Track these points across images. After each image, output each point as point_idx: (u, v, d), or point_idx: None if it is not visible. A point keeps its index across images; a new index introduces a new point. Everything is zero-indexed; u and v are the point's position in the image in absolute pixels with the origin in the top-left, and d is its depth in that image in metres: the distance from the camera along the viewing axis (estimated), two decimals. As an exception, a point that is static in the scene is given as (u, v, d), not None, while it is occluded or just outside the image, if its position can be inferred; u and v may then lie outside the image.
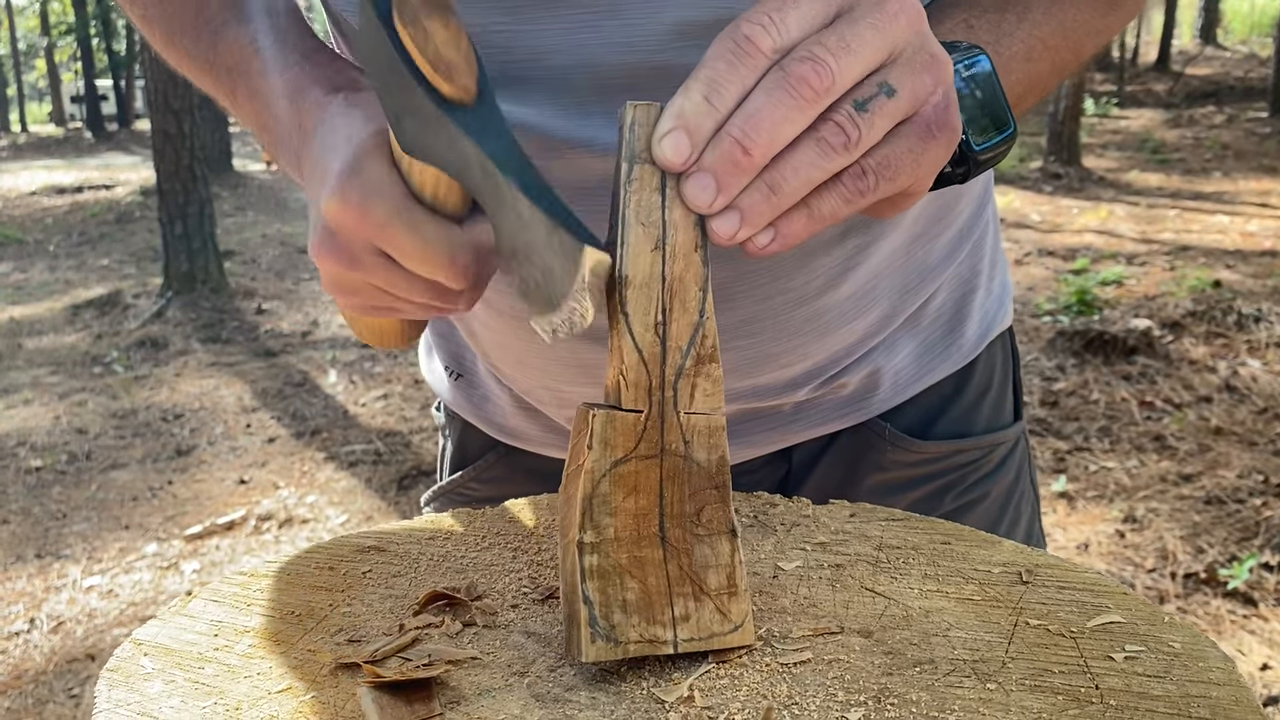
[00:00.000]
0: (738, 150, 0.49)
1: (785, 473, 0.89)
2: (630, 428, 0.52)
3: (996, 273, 0.93)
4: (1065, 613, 0.57)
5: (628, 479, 0.52)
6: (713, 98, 0.50)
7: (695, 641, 0.53)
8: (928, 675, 0.52)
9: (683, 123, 0.50)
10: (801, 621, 0.57)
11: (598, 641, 0.51)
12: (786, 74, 0.50)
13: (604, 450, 0.52)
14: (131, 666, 0.54)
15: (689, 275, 0.52)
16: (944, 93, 0.55)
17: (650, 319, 0.51)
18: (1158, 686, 0.50)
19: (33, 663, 3.16)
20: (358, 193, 0.56)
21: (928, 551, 0.66)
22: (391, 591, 0.62)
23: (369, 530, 0.71)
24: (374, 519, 3.97)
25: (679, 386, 0.52)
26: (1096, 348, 4.83)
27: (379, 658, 0.54)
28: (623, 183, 0.51)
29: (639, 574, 0.53)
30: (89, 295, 8.21)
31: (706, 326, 0.52)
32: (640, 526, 0.53)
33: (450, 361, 0.95)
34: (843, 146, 0.51)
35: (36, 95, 52.39)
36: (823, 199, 0.53)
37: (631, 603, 0.52)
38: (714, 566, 0.54)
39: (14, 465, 4.79)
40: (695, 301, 0.52)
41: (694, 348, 0.52)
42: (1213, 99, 14.65)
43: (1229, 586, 2.96)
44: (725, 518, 0.54)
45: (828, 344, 0.80)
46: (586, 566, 0.52)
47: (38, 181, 15.96)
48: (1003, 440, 0.92)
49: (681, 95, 0.50)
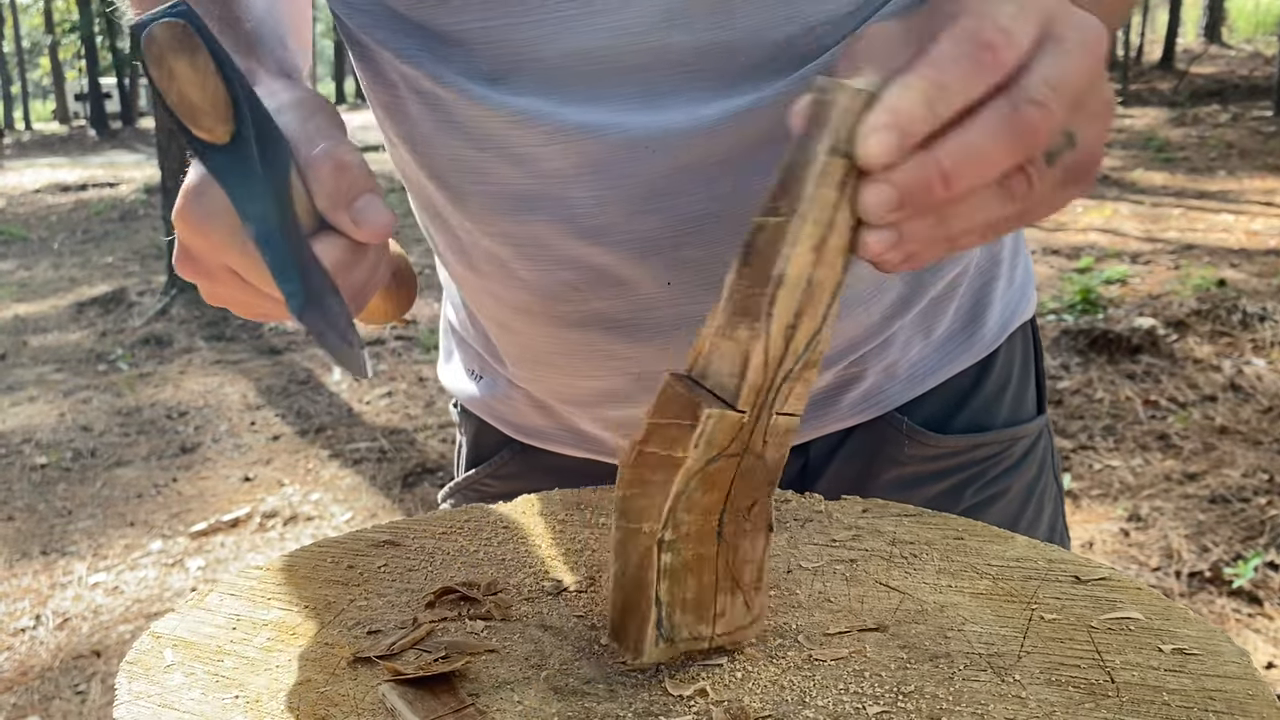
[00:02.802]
0: (938, 180, 0.45)
1: (802, 467, 0.88)
2: (733, 427, 0.49)
3: (1019, 261, 0.91)
4: (1080, 607, 0.57)
5: (711, 476, 0.50)
6: (938, 105, 0.45)
7: (724, 637, 0.53)
8: (944, 669, 0.52)
9: (900, 123, 0.44)
10: (816, 616, 0.58)
11: (660, 644, 0.50)
12: (1018, 113, 0.45)
13: (706, 449, 0.49)
14: (151, 659, 0.54)
15: (829, 281, 0.48)
16: (1103, 151, 0.51)
17: (784, 322, 0.47)
18: (1173, 680, 0.50)
19: (38, 659, 3.17)
20: (198, 213, 0.56)
21: (941, 547, 0.66)
22: (407, 586, 0.63)
23: (384, 524, 0.71)
24: (379, 516, 3.97)
25: (781, 389, 0.49)
26: (1101, 346, 4.83)
27: (395, 651, 0.54)
28: (813, 174, 0.46)
29: (698, 571, 0.51)
30: (93, 293, 8.22)
31: (823, 334, 0.49)
32: (706, 522, 0.51)
33: (471, 363, 0.95)
34: (1021, 198, 0.48)
35: (40, 93, 52.45)
36: (970, 237, 0.49)
37: (689, 601, 0.51)
38: (751, 561, 0.53)
39: (19, 462, 4.80)
40: (823, 308, 0.48)
41: (808, 352, 0.49)
42: (1217, 97, 14.63)
43: (1234, 585, 2.96)
44: (769, 512, 0.53)
45: (845, 326, 0.79)
46: (663, 565, 0.49)
47: (42, 179, 15.98)
48: (1024, 434, 0.91)
49: (901, 89, 0.45)
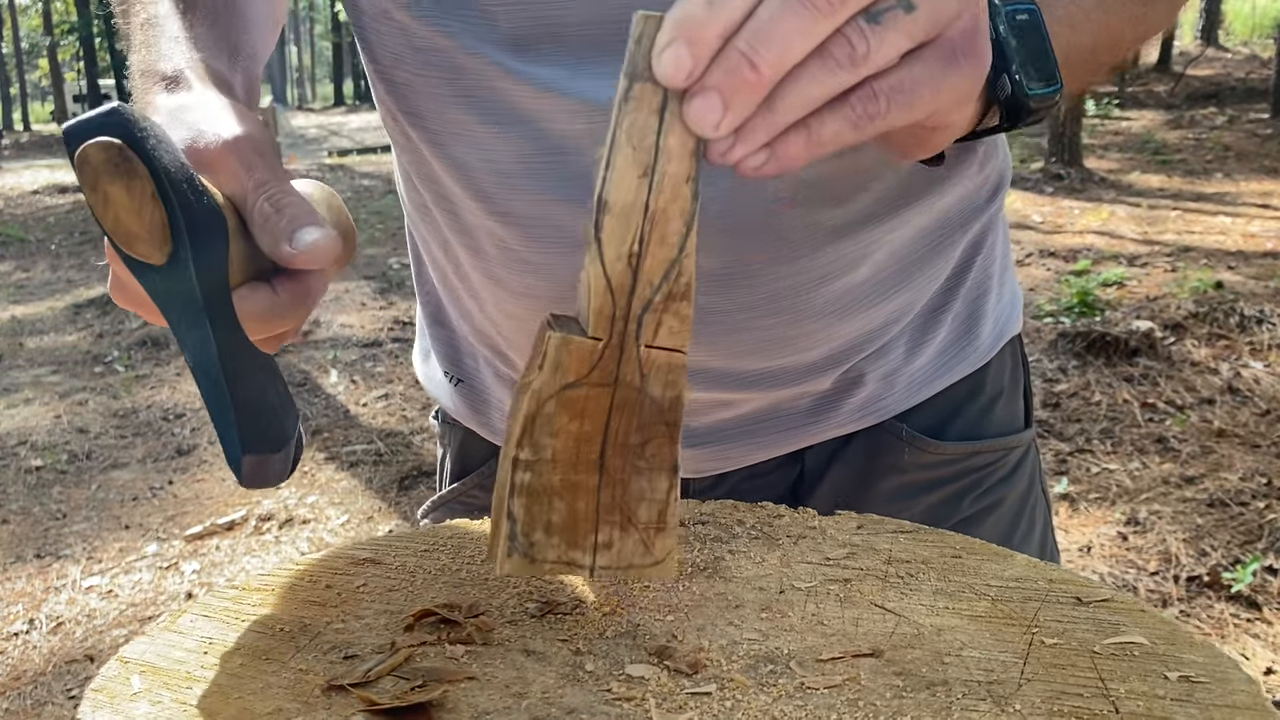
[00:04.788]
0: (745, 66, 0.45)
1: (798, 475, 0.87)
2: (586, 354, 0.51)
3: (1006, 278, 0.93)
4: (1082, 631, 0.56)
5: (575, 403, 0.52)
6: (716, 3, 0.45)
7: (612, 570, 0.54)
8: (941, 698, 0.50)
9: (683, 33, 0.45)
10: (809, 640, 0.56)
11: (514, 556, 0.52)
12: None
13: (554, 372, 0.51)
14: (118, 686, 0.52)
15: (674, 207, 0.49)
16: (971, 16, 0.51)
17: (625, 249, 0.49)
18: (1180, 711, 0.48)
19: (32, 663, 3.14)
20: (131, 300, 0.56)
21: (938, 566, 0.64)
22: (387, 607, 0.61)
23: (365, 541, 0.69)
24: (375, 519, 3.95)
25: (644, 320, 0.51)
26: (1098, 349, 4.81)
27: (372, 678, 0.52)
28: (618, 100, 0.47)
29: (569, 497, 0.53)
30: (90, 294, 8.19)
31: (684, 264, 0.50)
32: (580, 451, 0.52)
33: (450, 367, 0.93)
34: (848, 61, 0.47)
35: (39, 94, 52.41)
36: (825, 121, 0.49)
37: (555, 524, 0.53)
38: (648, 500, 0.54)
39: (14, 464, 4.77)
40: (677, 236, 0.49)
41: (667, 283, 0.50)
42: (1214, 100, 14.62)
43: (1232, 590, 2.94)
44: (670, 454, 0.54)
45: (847, 329, 0.79)
46: (517, 482, 0.52)
47: (40, 180, 15.94)
48: (1017, 444, 0.91)
49: (681, 4, 0.46)
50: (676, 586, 0.62)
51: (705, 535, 0.69)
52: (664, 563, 0.54)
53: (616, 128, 0.48)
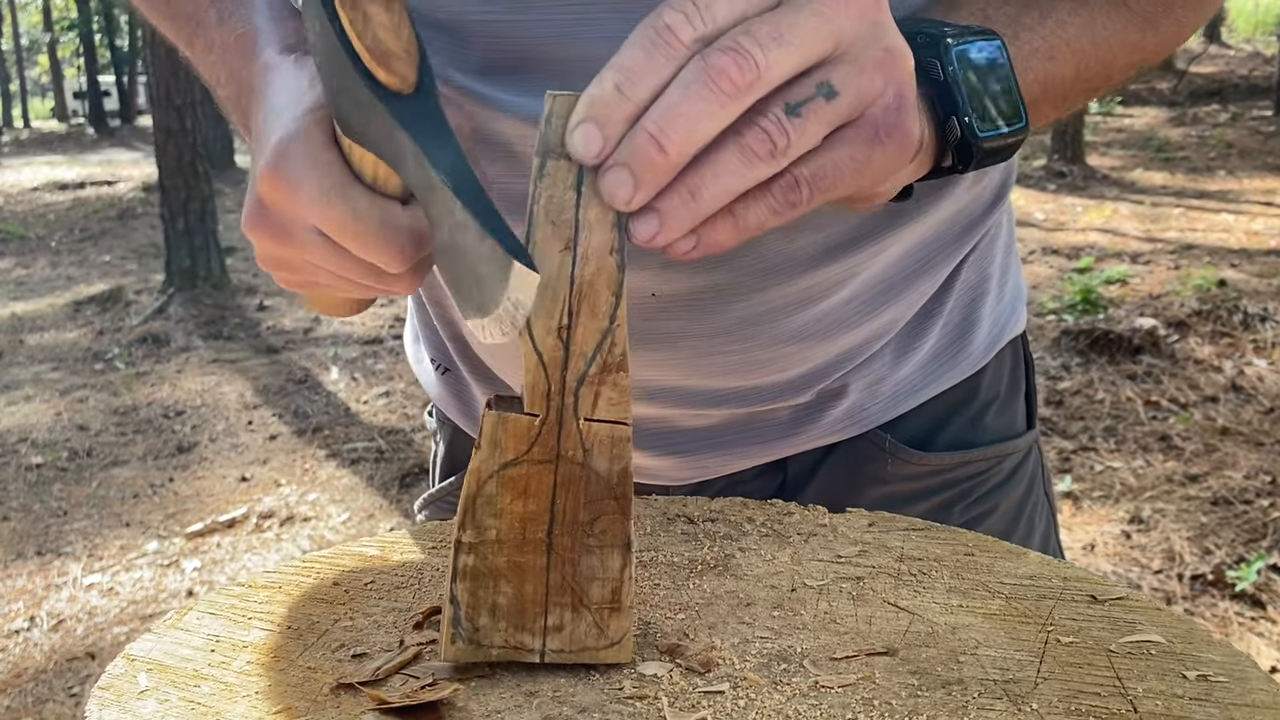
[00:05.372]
0: (652, 146, 0.46)
1: (780, 484, 0.84)
2: (523, 431, 0.50)
3: (1008, 276, 0.89)
4: (1098, 629, 0.55)
5: (518, 482, 0.51)
6: (625, 87, 0.47)
7: (564, 653, 0.52)
8: (957, 697, 0.49)
9: (593, 113, 0.47)
10: (822, 639, 0.55)
11: (458, 642, 0.51)
12: (706, 65, 0.46)
13: (493, 451, 0.51)
14: (124, 684, 0.52)
15: (600, 279, 0.49)
16: (895, 93, 0.50)
17: (554, 322, 0.49)
18: (1199, 710, 0.48)
19: (33, 661, 3.14)
20: (293, 167, 0.53)
21: (951, 564, 0.63)
22: (395, 604, 0.60)
23: (371, 538, 0.69)
24: (375, 517, 3.95)
25: (580, 393, 0.50)
26: (1101, 347, 4.80)
27: (381, 676, 0.51)
28: (534, 178, 0.49)
29: (516, 579, 0.52)
30: (91, 291, 8.19)
31: (616, 334, 0.50)
32: (526, 531, 0.51)
33: (436, 355, 0.92)
34: (768, 154, 0.48)
35: (39, 91, 52.40)
36: (749, 208, 0.50)
37: (502, 607, 0.52)
38: (600, 579, 0.52)
39: (15, 462, 4.77)
40: (606, 306, 0.50)
41: (600, 354, 0.50)
42: (1217, 97, 14.60)
43: (1237, 588, 2.94)
44: (621, 531, 0.52)
45: (828, 348, 0.77)
46: (460, 567, 0.51)
47: (40, 177, 15.94)
48: (1012, 450, 0.87)
49: (595, 84, 0.47)
50: (687, 584, 0.62)
51: (715, 533, 0.69)
52: (620, 644, 0.53)
53: (534, 204, 0.49)
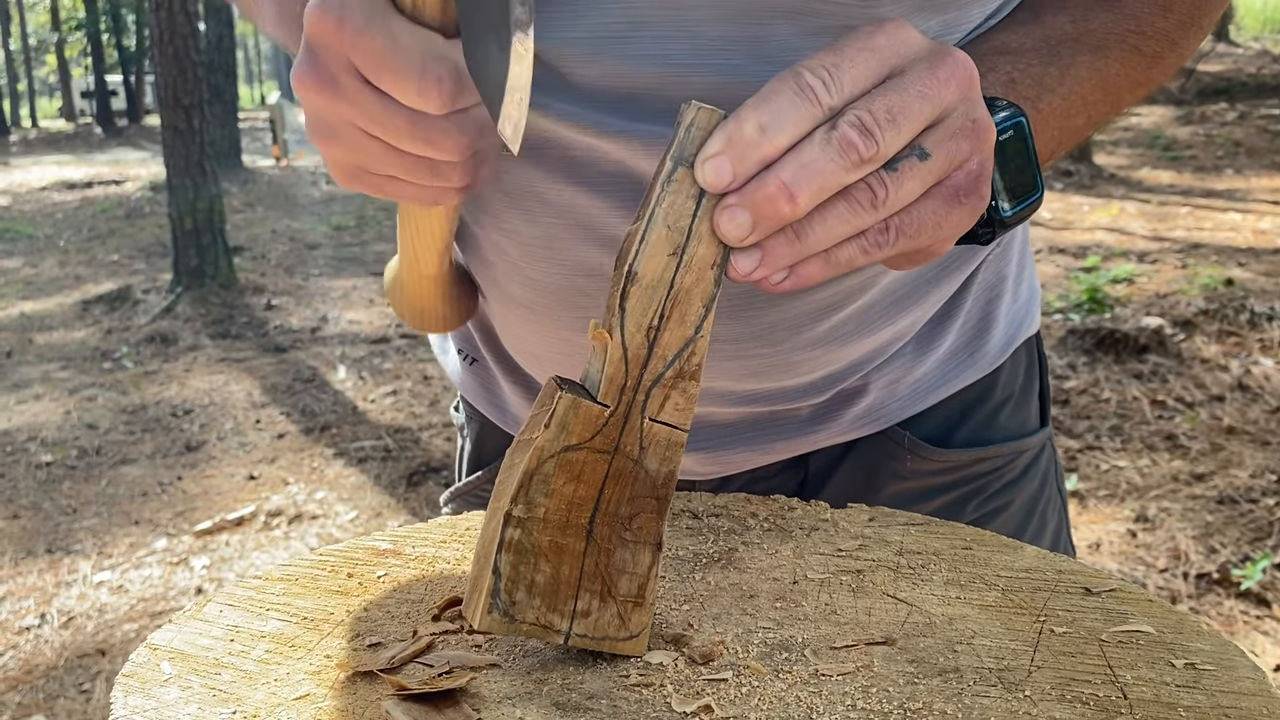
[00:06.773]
0: (783, 195, 0.49)
1: (801, 480, 0.87)
2: (592, 419, 0.52)
3: (1024, 277, 0.92)
4: (1091, 620, 0.57)
5: (574, 466, 0.52)
6: (768, 132, 0.49)
7: (587, 639, 0.54)
8: (953, 685, 0.51)
9: (732, 150, 0.49)
10: (823, 629, 0.57)
11: (494, 613, 0.52)
12: (839, 134, 0.50)
13: (559, 432, 0.52)
14: (148, 672, 0.54)
15: (697, 290, 0.52)
16: (979, 162, 0.55)
17: (646, 320, 0.51)
18: (1187, 697, 0.49)
19: (43, 657, 3.17)
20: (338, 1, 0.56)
21: (949, 557, 0.65)
22: (408, 596, 0.62)
23: (384, 533, 0.71)
24: (383, 515, 3.97)
25: (653, 393, 0.52)
26: (1108, 346, 4.80)
27: (396, 664, 0.53)
28: (661, 179, 0.51)
29: (555, 559, 0.53)
30: (99, 290, 8.23)
31: (698, 344, 0.52)
32: (571, 515, 0.53)
33: (463, 344, 0.94)
34: (870, 205, 0.52)
35: (47, 91, 52.55)
36: (842, 248, 0.54)
37: (539, 585, 0.53)
38: (629, 573, 0.54)
39: (24, 460, 4.80)
40: (695, 317, 0.52)
41: (679, 360, 0.52)
42: (1225, 96, 14.57)
43: (1242, 587, 2.94)
44: (656, 529, 0.54)
45: (849, 352, 0.79)
46: (507, 538, 0.52)
47: (48, 177, 16.01)
48: (1026, 448, 0.90)
49: (735, 121, 0.50)
50: (692, 577, 0.63)
51: (719, 527, 0.70)
52: (637, 638, 0.54)
53: (655, 206, 0.51)
